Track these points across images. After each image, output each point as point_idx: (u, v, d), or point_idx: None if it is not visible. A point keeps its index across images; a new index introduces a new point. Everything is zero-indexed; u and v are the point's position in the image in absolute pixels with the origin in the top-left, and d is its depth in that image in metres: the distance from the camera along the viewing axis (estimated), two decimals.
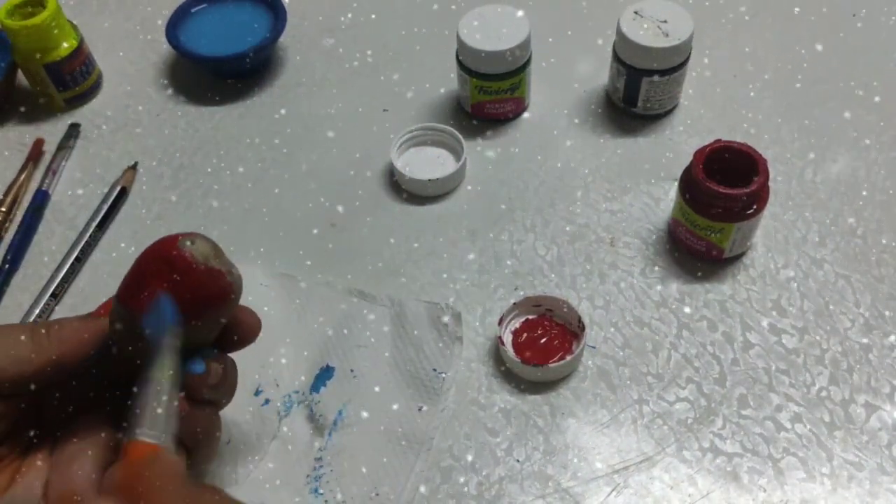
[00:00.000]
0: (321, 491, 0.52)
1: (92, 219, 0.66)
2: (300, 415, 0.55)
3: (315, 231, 0.65)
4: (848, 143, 0.68)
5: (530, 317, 0.59)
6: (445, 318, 0.57)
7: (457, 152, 0.68)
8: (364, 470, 0.52)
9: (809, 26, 0.77)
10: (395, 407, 0.55)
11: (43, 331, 0.40)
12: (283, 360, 0.57)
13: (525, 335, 0.58)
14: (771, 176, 0.58)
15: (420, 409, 0.54)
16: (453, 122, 0.70)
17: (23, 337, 0.40)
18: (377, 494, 0.51)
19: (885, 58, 0.74)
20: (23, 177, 0.69)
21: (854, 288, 0.60)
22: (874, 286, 0.60)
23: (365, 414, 0.54)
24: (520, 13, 0.67)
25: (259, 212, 0.67)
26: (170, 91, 0.76)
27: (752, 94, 0.72)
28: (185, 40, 0.74)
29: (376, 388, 0.55)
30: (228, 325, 0.44)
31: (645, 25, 0.65)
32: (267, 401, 0.56)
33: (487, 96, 0.68)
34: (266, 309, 0.59)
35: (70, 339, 0.40)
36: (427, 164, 0.68)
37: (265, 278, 0.61)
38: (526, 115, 0.72)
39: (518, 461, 0.53)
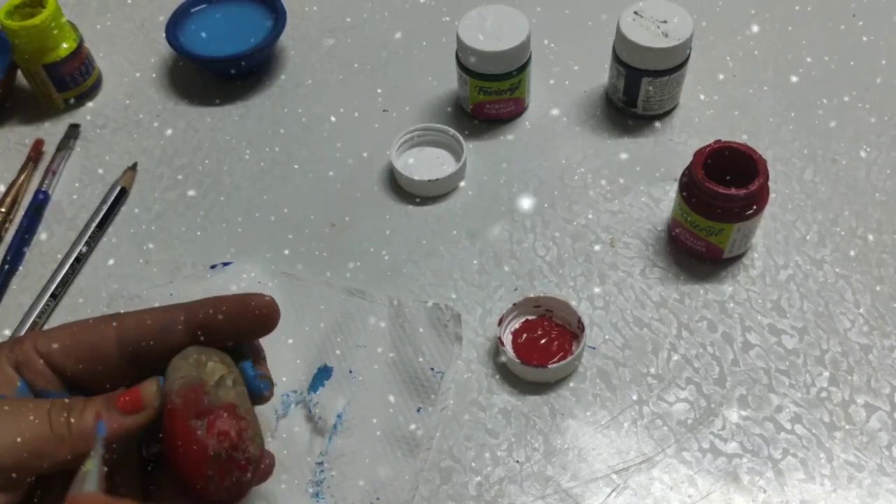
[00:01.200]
0: (323, 496, 0.52)
1: (92, 219, 0.66)
2: (298, 415, 0.55)
3: (315, 231, 0.65)
4: (848, 143, 0.68)
5: (530, 317, 0.59)
6: (445, 319, 0.57)
7: (456, 153, 0.68)
8: (365, 474, 0.52)
9: (809, 26, 0.77)
10: (394, 409, 0.55)
11: (64, 418, 0.38)
12: (281, 360, 0.57)
13: (525, 336, 0.58)
14: (771, 176, 0.58)
15: (419, 411, 0.54)
16: (453, 123, 0.70)
17: (44, 428, 0.37)
18: (378, 499, 0.51)
19: (885, 58, 0.74)
20: (23, 177, 0.69)
21: (854, 288, 0.60)
22: (874, 287, 0.60)
23: (364, 416, 0.54)
24: (519, 13, 0.67)
25: (259, 212, 0.67)
26: (170, 91, 0.76)
27: (752, 94, 0.72)
28: (185, 40, 0.73)
29: (375, 389, 0.55)
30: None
31: (644, 25, 0.65)
32: None
33: (487, 96, 0.68)
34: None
35: (90, 434, 0.38)
36: (427, 164, 0.68)
37: (264, 276, 0.61)
38: (526, 115, 0.72)
39: (518, 462, 0.53)
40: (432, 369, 0.55)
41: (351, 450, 0.53)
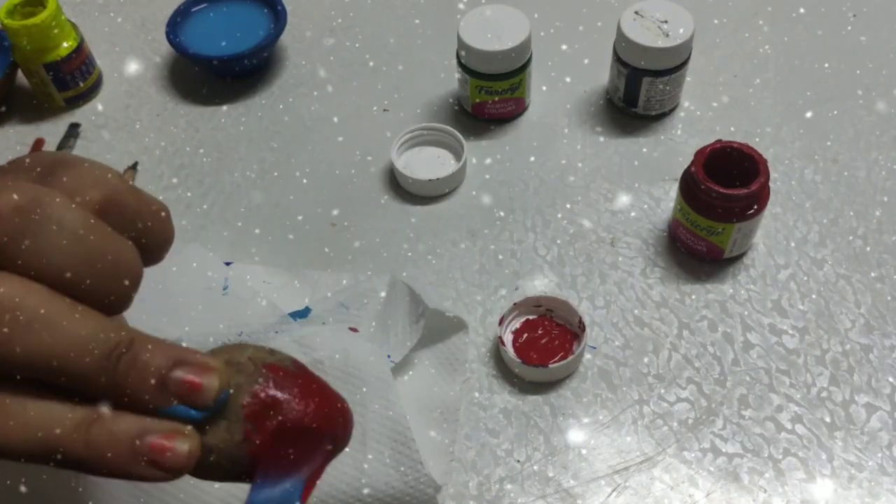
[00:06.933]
0: None
1: None
2: None
3: (315, 231, 0.65)
4: (848, 143, 0.68)
5: (531, 317, 0.59)
6: (418, 308, 0.55)
7: (457, 152, 0.68)
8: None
9: (809, 26, 0.77)
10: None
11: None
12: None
13: (525, 335, 0.58)
14: (771, 176, 0.58)
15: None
16: (453, 122, 0.70)
17: None
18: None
19: (885, 57, 0.74)
20: None
21: (854, 288, 0.60)
22: (875, 286, 0.60)
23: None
24: (520, 13, 0.67)
25: (259, 212, 0.67)
26: (170, 91, 0.76)
27: (752, 94, 0.72)
28: (185, 40, 0.73)
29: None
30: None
31: (645, 25, 0.65)
32: None
33: (488, 96, 0.68)
34: (266, 305, 0.59)
35: None
36: (427, 164, 0.68)
37: (267, 276, 0.61)
38: (526, 114, 0.72)
39: (518, 462, 0.53)
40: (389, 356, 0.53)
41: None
